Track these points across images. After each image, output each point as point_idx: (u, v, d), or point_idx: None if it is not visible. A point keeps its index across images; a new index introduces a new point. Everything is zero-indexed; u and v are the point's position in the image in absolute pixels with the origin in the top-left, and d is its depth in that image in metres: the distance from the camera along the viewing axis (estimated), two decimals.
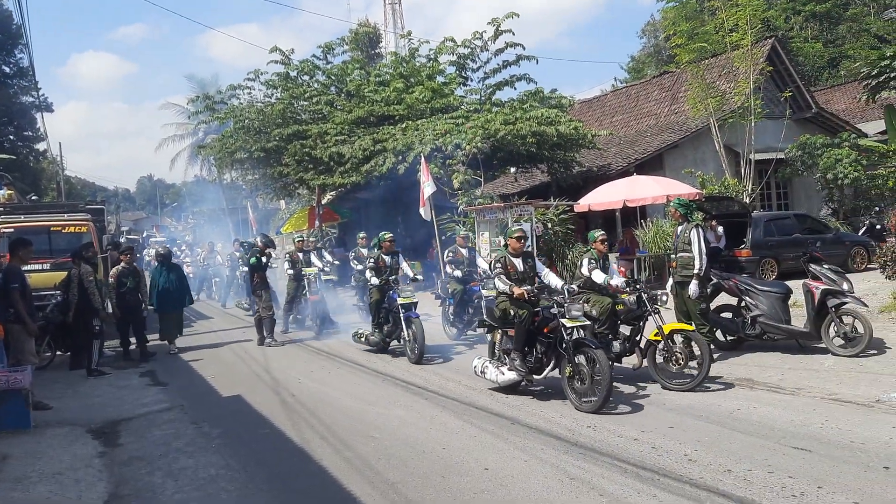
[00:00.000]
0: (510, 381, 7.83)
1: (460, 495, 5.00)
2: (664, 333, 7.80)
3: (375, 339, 10.97)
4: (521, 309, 7.59)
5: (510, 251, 8.10)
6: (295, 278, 14.09)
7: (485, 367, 8.20)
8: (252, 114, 22.88)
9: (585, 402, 6.97)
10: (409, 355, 10.17)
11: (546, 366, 7.56)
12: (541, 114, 19.01)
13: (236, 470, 5.89)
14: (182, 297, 12.74)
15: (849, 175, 19.46)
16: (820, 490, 4.67)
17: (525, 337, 7.63)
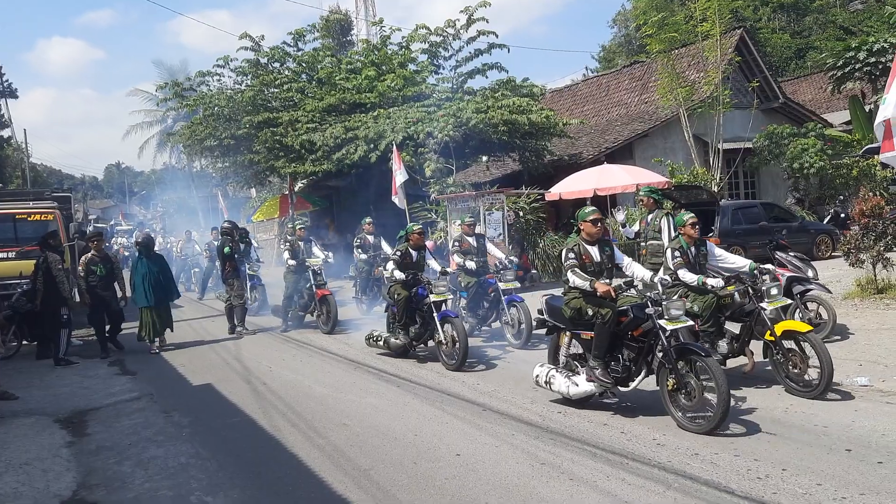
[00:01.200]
0: (586, 394, 6.57)
1: (432, 481, 5.03)
2: (776, 334, 6.70)
3: (398, 343, 9.44)
4: (604, 308, 6.27)
5: (584, 237, 6.73)
6: (295, 270, 12.46)
7: (551, 377, 6.81)
8: (222, 101, 22.60)
9: (696, 421, 5.73)
10: (446, 360, 8.76)
11: (635, 375, 6.29)
12: (512, 102, 19.05)
13: (207, 459, 5.87)
14: (167, 289, 11.39)
15: (814, 164, 19.81)
16: (784, 472, 4.79)
17: (609, 341, 6.35)
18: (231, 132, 22.10)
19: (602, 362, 6.36)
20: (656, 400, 6.23)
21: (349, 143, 19.51)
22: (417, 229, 9.74)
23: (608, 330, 6.26)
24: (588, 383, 6.47)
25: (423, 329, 9.27)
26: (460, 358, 8.54)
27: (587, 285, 6.29)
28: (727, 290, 7.09)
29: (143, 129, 43.42)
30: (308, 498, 4.91)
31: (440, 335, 8.80)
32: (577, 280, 6.39)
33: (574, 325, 6.62)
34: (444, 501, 4.67)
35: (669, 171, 18.93)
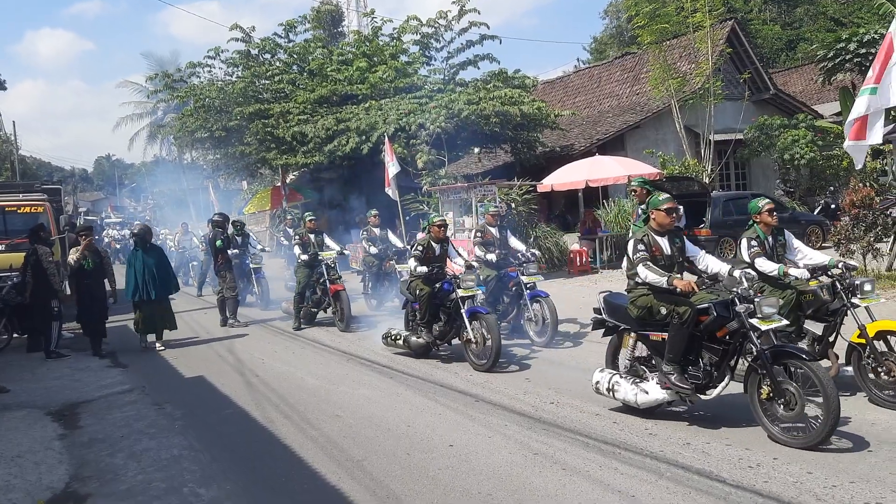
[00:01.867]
0: (657, 402, 5.82)
1: (425, 471, 5.05)
2: (868, 335, 5.94)
3: (420, 342, 8.81)
4: (681, 306, 5.54)
5: (654, 227, 6.03)
6: (307, 265, 11.88)
7: (614, 384, 6.04)
8: (212, 92, 22.49)
9: (793, 433, 5.10)
10: (475, 361, 8.11)
11: (717, 381, 5.52)
12: (504, 94, 19.03)
13: (199, 451, 5.86)
14: (167, 283, 10.75)
15: (805, 156, 19.90)
16: (775, 461, 4.82)
17: (686, 343, 5.61)
18: (222, 124, 22.00)
19: (678, 367, 5.64)
20: None
21: (341, 135, 19.47)
22: (439, 221, 9.12)
23: (686, 331, 5.55)
24: (662, 391, 5.73)
25: (448, 327, 8.61)
26: (492, 358, 7.85)
27: (664, 281, 5.57)
28: (810, 285, 6.37)
29: (133, 121, 43.16)
30: (301, 489, 4.91)
31: (469, 333, 8.12)
32: (649, 275, 5.66)
33: (642, 325, 5.97)
34: (438, 492, 4.68)
35: (661, 162, 18.98)
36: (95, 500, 4.95)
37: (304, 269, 11.83)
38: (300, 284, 11.88)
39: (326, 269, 11.56)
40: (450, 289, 8.48)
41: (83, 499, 5.00)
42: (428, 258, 8.85)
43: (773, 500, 4.22)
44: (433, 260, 8.90)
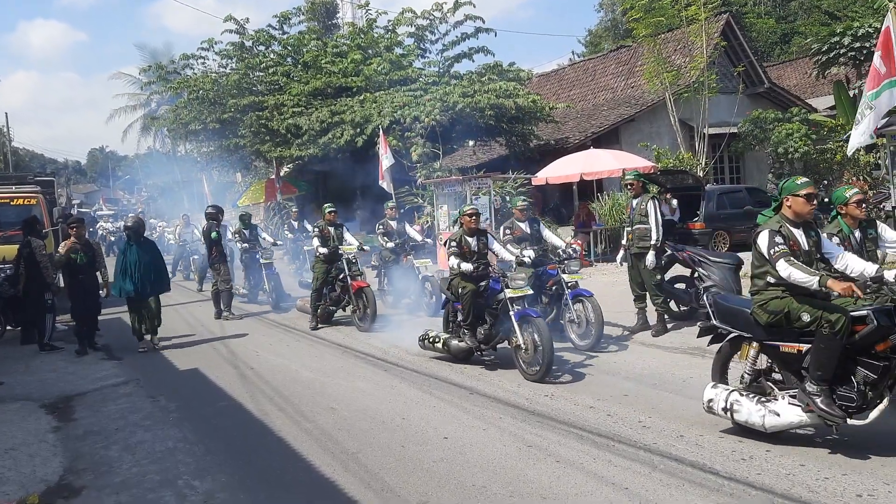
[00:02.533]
0: (792, 426, 4.93)
1: (420, 464, 5.06)
2: None
3: (462, 346, 7.96)
4: (833, 314, 4.63)
5: (790, 217, 5.14)
6: (326, 259, 11.02)
7: (735, 403, 5.09)
8: (206, 84, 22.41)
9: None
10: (525, 369, 7.28)
11: (873, 403, 4.62)
12: (499, 87, 19.02)
13: (194, 443, 5.87)
14: (160, 280, 10.06)
15: (799, 149, 19.91)
16: (768, 453, 4.85)
17: (837, 359, 4.67)
18: (216, 116, 21.93)
19: (826, 387, 4.71)
20: (611, 371, 6.28)
21: (335, 128, 19.44)
22: (470, 211, 8.21)
23: (839, 343, 4.63)
24: (800, 413, 4.84)
25: (493, 330, 7.76)
26: (544, 366, 7.03)
27: (814, 282, 4.63)
28: None
29: (126, 113, 42.98)
30: (296, 481, 4.92)
31: (518, 338, 7.25)
32: (795, 274, 4.70)
33: (771, 333, 5.06)
34: (432, 484, 4.70)
35: (655, 155, 18.98)
36: (90, 493, 4.95)
37: (322, 264, 11.04)
38: (317, 281, 11.05)
39: (347, 264, 10.79)
40: (497, 288, 7.64)
41: (77, 491, 5.00)
42: (464, 254, 8.00)
43: (765, 491, 4.25)
44: (472, 256, 8.03)
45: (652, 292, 9.05)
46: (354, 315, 10.70)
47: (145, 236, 10.58)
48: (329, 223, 11.34)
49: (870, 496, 4.10)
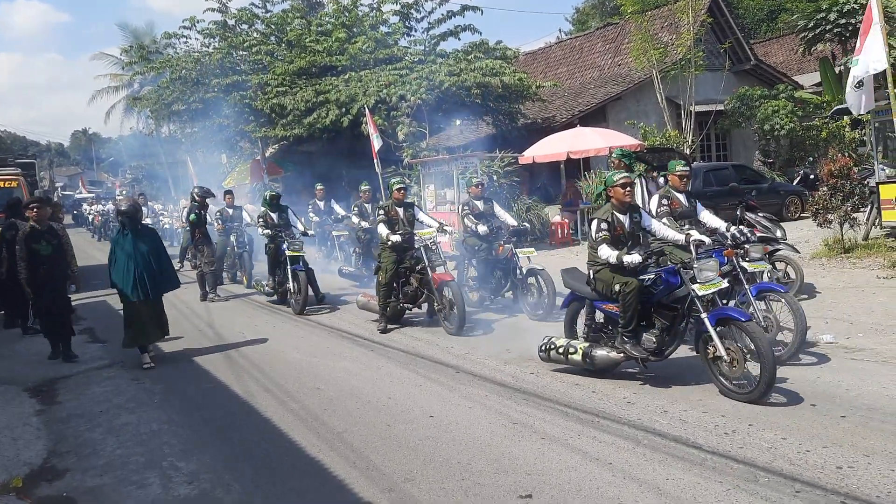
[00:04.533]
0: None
1: (406, 442, 5.07)
2: None
3: (614, 357, 6.20)
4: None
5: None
6: (396, 247, 9.00)
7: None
8: (189, 64, 22.11)
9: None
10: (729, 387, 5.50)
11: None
12: (485, 65, 18.87)
13: (179, 425, 5.85)
14: (163, 276, 8.11)
15: (785, 126, 19.98)
16: (751, 427, 4.88)
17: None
18: (199, 96, 21.65)
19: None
20: None
21: (320, 107, 19.26)
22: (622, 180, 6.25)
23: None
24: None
25: (669, 336, 5.97)
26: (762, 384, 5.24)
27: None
28: None
29: (109, 94, 42.35)
30: (282, 461, 4.92)
31: (718, 347, 5.46)
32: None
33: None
34: (418, 462, 4.70)
35: (642, 133, 18.96)
36: (74, 475, 4.93)
37: (390, 252, 9.06)
38: (386, 273, 9.05)
39: (425, 252, 8.86)
40: (675, 282, 5.87)
41: (61, 474, 4.98)
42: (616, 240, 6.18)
43: (748, 465, 4.28)
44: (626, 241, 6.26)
45: None
46: (440, 314, 8.87)
47: (143, 223, 8.80)
48: (397, 202, 9.36)
49: (849, 468, 4.14)
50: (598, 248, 6.11)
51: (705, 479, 4.13)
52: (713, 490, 3.99)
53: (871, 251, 10.69)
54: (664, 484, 4.12)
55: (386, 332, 8.92)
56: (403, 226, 9.23)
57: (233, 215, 13.82)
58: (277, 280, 11.38)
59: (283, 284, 11.19)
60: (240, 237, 13.70)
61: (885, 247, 10.84)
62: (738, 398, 5.39)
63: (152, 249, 8.02)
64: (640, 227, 6.40)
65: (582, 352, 6.34)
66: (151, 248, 8.01)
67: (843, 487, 3.91)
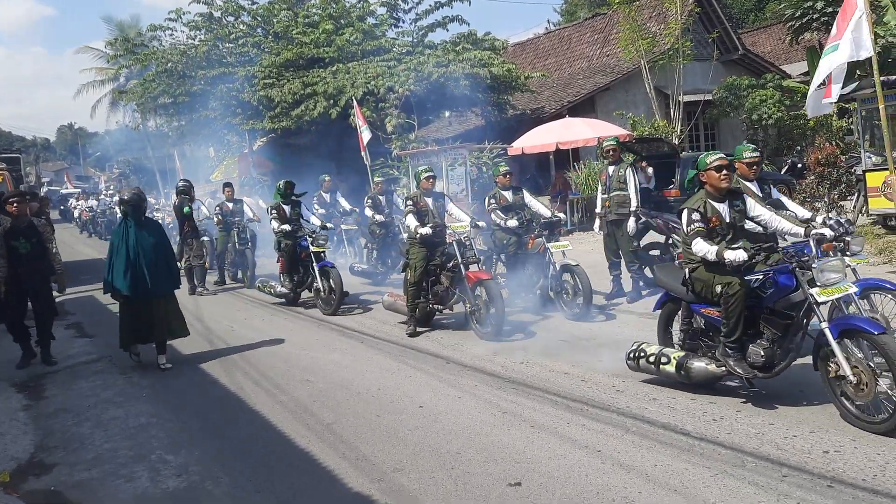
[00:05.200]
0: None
1: (395, 432, 5.06)
2: None
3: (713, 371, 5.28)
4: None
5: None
6: (426, 242, 8.10)
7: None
8: (175, 56, 21.97)
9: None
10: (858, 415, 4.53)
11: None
12: (474, 56, 18.84)
13: (167, 418, 5.83)
14: (168, 273, 7.52)
15: (773, 115, 20.05)
16: (738, 413, 4.91)
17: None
18: (185, 89, 21.53)
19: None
20: (585, 336, 6.31)
21: (308, 100, 19.19)
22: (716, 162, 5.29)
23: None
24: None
25: (780, 348, 5.01)
26: None
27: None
28: None
29: (94, 88, 41.99)
30: (271, 453, 4.90)
31: (843, 367, 4.53)
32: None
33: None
34: (407, 452, 4.70)
35: (631, 123, 19.00)
36: (62, 469, 4.90)
37: (420, 248, 8.15)
38: (416, 271, 8.10)
39: (458, 247, 7.97)
40: (791, 285, 4.91)
41: (49, 468, 4.95)
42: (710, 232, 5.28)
43: (735, 451, 4.30)
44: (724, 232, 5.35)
45: (628, 259, 9.09)
46: (472, 317, 7.91)
47: (147, 215, 8.00)
48: (426, 192, 8.49)
49: (836, 452, 4.16)
50: (693, 242, 5.18)
51: (693, 466, 4.14)
52: (701, 476, 4.01)
53: None
54: (652, 470, 4.13)
55: (415, 335, 8.08)
56: (433, 218, 8.26)
57: (233, 209, 12.92)
58: (297, 280, 10.43)
59: (302, 284, 10.37)
60: (241, 233, 12.70)
61: (871, 234, 10.91)
62: (867, 428, 4.43)
63: (157, 244, 7.41)
64: (745, 216, 5.43)
65: (676, 362, 5.42)
66: (156, 243, 7.42)
67: (830, 471, 3.93)
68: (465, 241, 8.08)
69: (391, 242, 11.35)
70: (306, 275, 10.28)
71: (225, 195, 13.28)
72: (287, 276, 10.52)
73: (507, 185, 9.15)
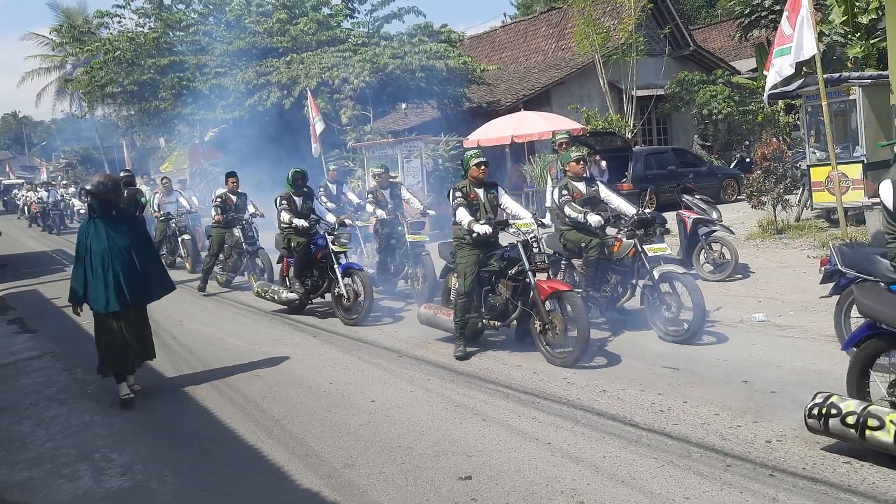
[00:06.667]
0: None
1: (346, 427, 5.03)
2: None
3: None
4: None
5: None
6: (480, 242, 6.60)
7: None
8: (123, 44, 21.41)
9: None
10: None
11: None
12: (430, 48, 18.78)
13: (112, 416, 5.69)
14: (149, 279, 6.13)
15: (722, 111, 20.42)
16: (685, 404, 4.99)
17: None
18: (134, 78, 21.01)
19: None
20: None
21: (262, 89, 18.89)
22: None
23: None
24: None
25: None
26: None
27: None
28: None
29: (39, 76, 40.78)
30: (218, 450, 4.82)
31: None
32: None
33: None
34: (358, 447, 4.67)
35: (585, 117, 19.14)
36: (0, 470, 4.74)
37: (469, 250, 6.66)
38: (466, 278, 6.59)
39: (524, 249, 6.43)
40: None
41: None
42: None
43: (681, 441, 4.37)
44: None
45: None
46: (542, 337, 6.29)
47: (122, 208, 6.45)
48: (475, 182, 6.87)
49: (778, 441, 4.27)
50: None
51: (640, 456, 4.20)
52: (648, 466, 4.07)
53: (802, 232, 11.04)
54: (601, 462, 4.18)
55: (466, 357, 6.56)
56: (486, 212, 6.80)
57: (237, 203, 11.19)
58: (311, 284, 8.99)
59: (316, 290, 8.99)
60: (247, 231, 11.00)
61: (815, 228, 11.21)
62: None
63: (134, 243, 6.03)
64: None
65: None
66: (133, 242, 6.03)
67: (772, 461, 4.03)
68: (531, 242, 6.50)
69: (396, 244, 9.58)
70: (321, 278, 8.90)
71: (229, 186, 11.22)
72: (298, 279, 9.01)
73: (581, 174, 7.40)
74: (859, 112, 11.01)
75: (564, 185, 7.29)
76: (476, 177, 6.85)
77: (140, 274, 5.98)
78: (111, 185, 6.08)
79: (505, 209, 7.03)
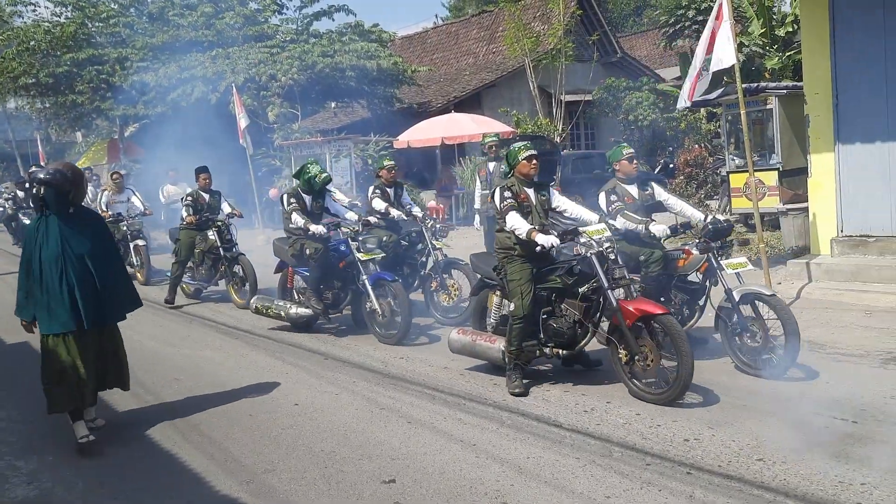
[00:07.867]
0: None
1: (267, 432, 4.90)
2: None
3: None
4: None
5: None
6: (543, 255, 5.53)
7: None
8: (39, 35, 20.45)
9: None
10: None
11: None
12: (360, 47, 18.63)
13: (19, 422, 5.42)
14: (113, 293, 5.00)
15: (648, 117, 20.97)
16: (608, 405, 5.06)
17: None
18: (50, 69, 20.10)
19: None
20: None
21: (185, 84, 18.34)
22: None
23: None
24: None
25: None
26: None
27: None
28: None
29: None
30: (131, 457, 4.63)
31: None
32: None
33: None
34: (280, 451, 4.56)
35: (515, 121, 19.31)
36: None
37: (522, 264, 5.55)
38: (524, 299, 5.45)
39: (599, 261, 5.27)
40: None
41: None
42: None
43: (603, 441, 4.43)
44: None
45: None
46: (625, 369, 5.20)
47: (83, 205, 5.20)
48: (524, 181, 5.73)
49: (696, 440, 4.36)
50: None
51: (563, 456, 4.23)
52: (570, 466, 4.10)
53: None
54: (525, 462, 4.19)
55: (524, 393, 5.38)
56: (538, 217, 5.69)
57: (210, 203, 9.85)
58: (332, 297, 7.76)
59: (337, 305, 7.82)
60: (224, 234, 9.58)
61: (734, 232, 11.59)
62: None
63: (96, 248, 4.92)
64: None
65: None
66: (95, 247, 4.91)
67: (689, 459, 4.11)
68: (606, 251, 5.29)
69: (403, 252, 8.46)
70: (343, 291, 7.75)
71: (200, 183, 9.90)
72: (314, 292, 7.63)
73: (633, 174, 6.37)
74: (776, 121, 11.44)
75: (612, 188, 6.17)
76: (527, 173, 5.69)
77: (102, 287, 4.86)
78: (71, 174, 4.85)
79: (564, 212, 5.93)
